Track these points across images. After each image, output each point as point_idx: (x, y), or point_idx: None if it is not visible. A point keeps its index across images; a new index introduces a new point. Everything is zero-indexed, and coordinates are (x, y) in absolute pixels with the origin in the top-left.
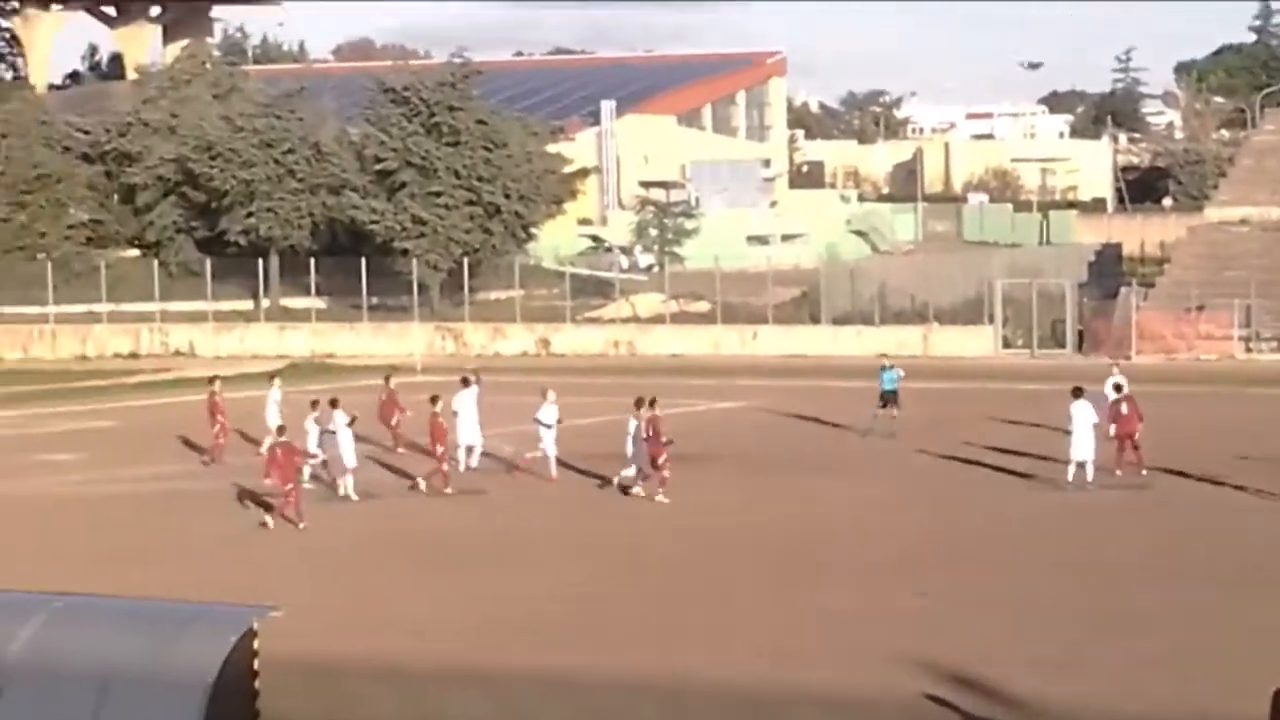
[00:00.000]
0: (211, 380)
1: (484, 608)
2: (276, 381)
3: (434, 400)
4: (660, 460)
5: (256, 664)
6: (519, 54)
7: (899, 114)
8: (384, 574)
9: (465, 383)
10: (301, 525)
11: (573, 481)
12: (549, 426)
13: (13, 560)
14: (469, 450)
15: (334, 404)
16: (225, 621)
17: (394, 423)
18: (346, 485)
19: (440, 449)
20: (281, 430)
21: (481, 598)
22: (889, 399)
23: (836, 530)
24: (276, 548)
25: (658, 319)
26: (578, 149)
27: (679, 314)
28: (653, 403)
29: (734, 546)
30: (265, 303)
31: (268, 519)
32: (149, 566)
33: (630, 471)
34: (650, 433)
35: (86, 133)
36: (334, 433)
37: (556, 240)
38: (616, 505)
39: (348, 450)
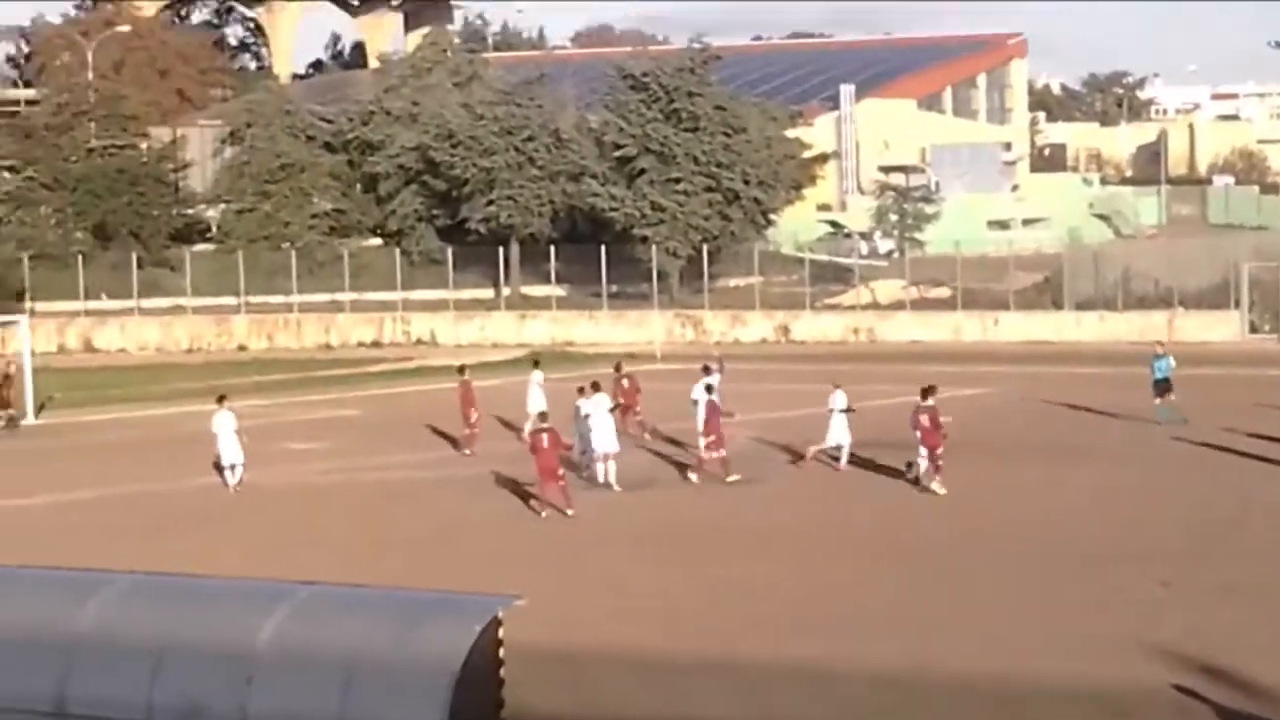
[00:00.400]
0: (461, 369)
1: (735, 598)
2: (537, 367)
3: (709, 389)
4: (937, 450)
5: (502, 653)
6: (757, 38)
7: (1142, 95)
8: (635, 563)
9: (706, 370)
10: (569, 512)
11: (840, 473)
12: (843, 412)
13: (262, 549)
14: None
15: (595, 387)
16: (470, 610)
17: (635, 411)
18: (606, 472)
19: (712, 436)
20: (544, 416)
21: (734, 588)
22: (1163, 387)
23: (1085, 518)
24: (524, 535)
25: (898, 305)
26: (817, 134)
27: (919, 300)
28: (930, 391)
29: (984, 535)
30: (505, 291)
31: (543, 509)
32: (397, 555)
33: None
34: (928, 422)
35: (329, 122)
36: (587, 417)
37: (795, 226)
38: (884, 494)
39: (607, 435)
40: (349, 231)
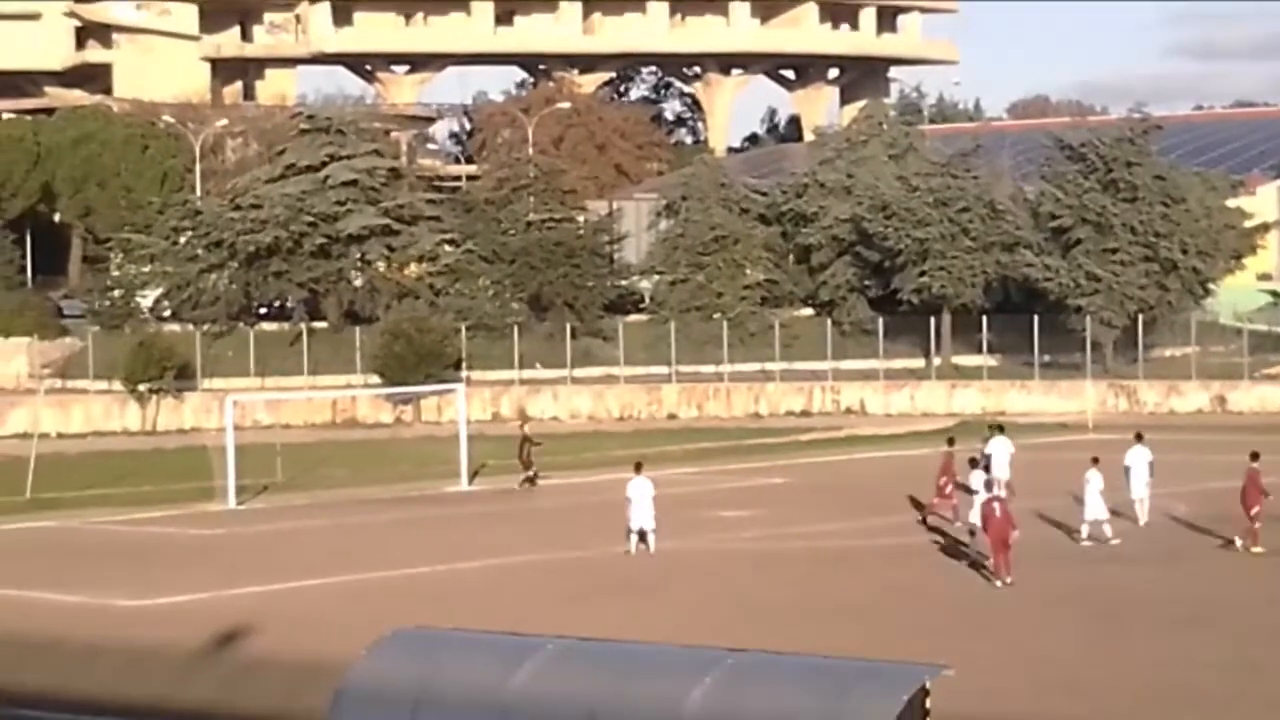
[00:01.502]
0: (950, 440)
1: (1155, 673)
2: (999, 434)
3: (1253, 457)
4: (1253, 510)
5: None
6: (1199, 107)
7: None
8: (1067, 633)
9: (1138, 438)
10: (1003, 582)
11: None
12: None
13: (691, 615)
14: (1138, 502)
15: (1095, 461)
16: (898, 679)
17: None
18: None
19: (1257, 508)
20: (992, 485)
21: (1156, 662)
22: None
23: None
24: (958, 603)
25: None
26: (1259, 203)
27: None
28: (1255, 456)
29: None
30: (936, 360)
31: (997, 577)
32: (824, 622)
33: None
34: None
35: (764, 194)
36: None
37: (1234, 296)
38: None
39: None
40: (780, 302)
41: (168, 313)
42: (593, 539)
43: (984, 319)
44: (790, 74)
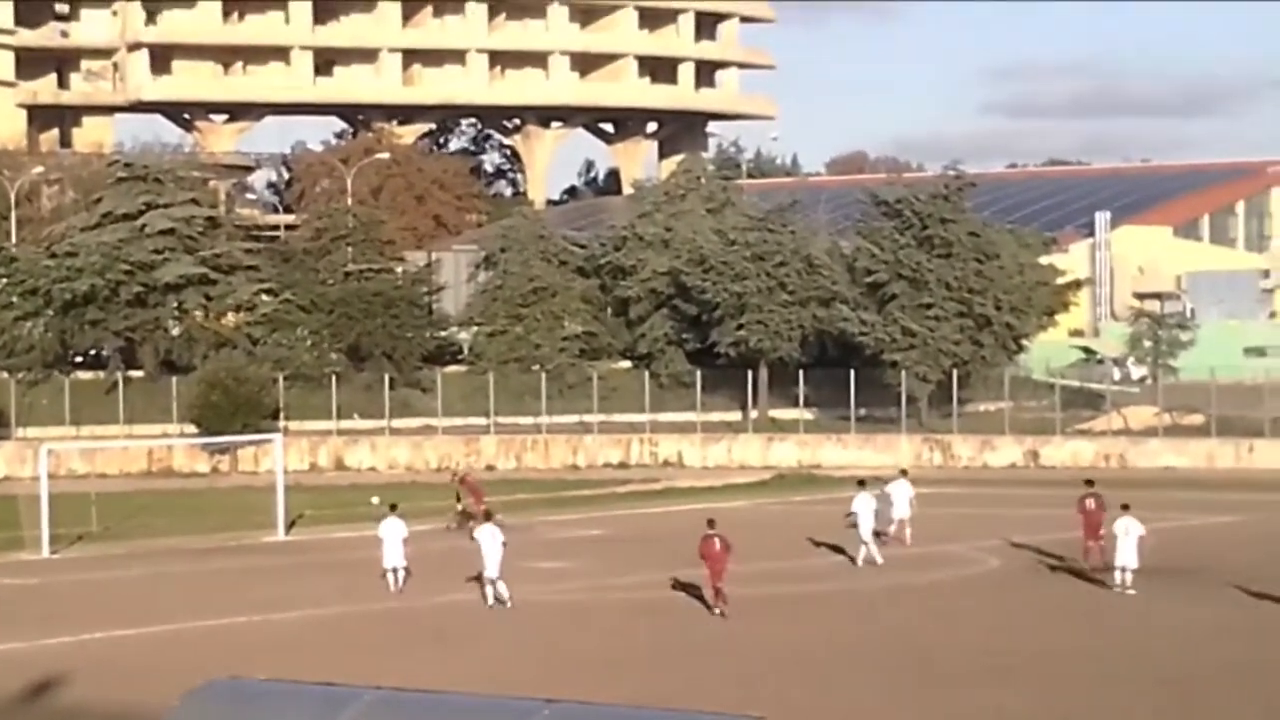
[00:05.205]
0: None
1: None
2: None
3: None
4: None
5: None
6: (1013, 165)
7: None
8: (878, 683)
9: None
10: (721, 611)
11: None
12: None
13: (509, 666)
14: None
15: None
16: None
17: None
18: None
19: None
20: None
21: (963, 714)
22: None
23: None
24: (763, 653)
25: (1150, 431)
26: (1071, 260)
27: (1172, 427)
28: None
29: (1208, 668)
30: (753, 414)
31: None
32: (641, 673)
33: None
34: None
35: (582, 246)
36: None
37: (1047, 352)
38: (1136, 619)
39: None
40: (599, 354)
41: None
42: (407, 591)
43: (801, 373)
44: (609, 127)
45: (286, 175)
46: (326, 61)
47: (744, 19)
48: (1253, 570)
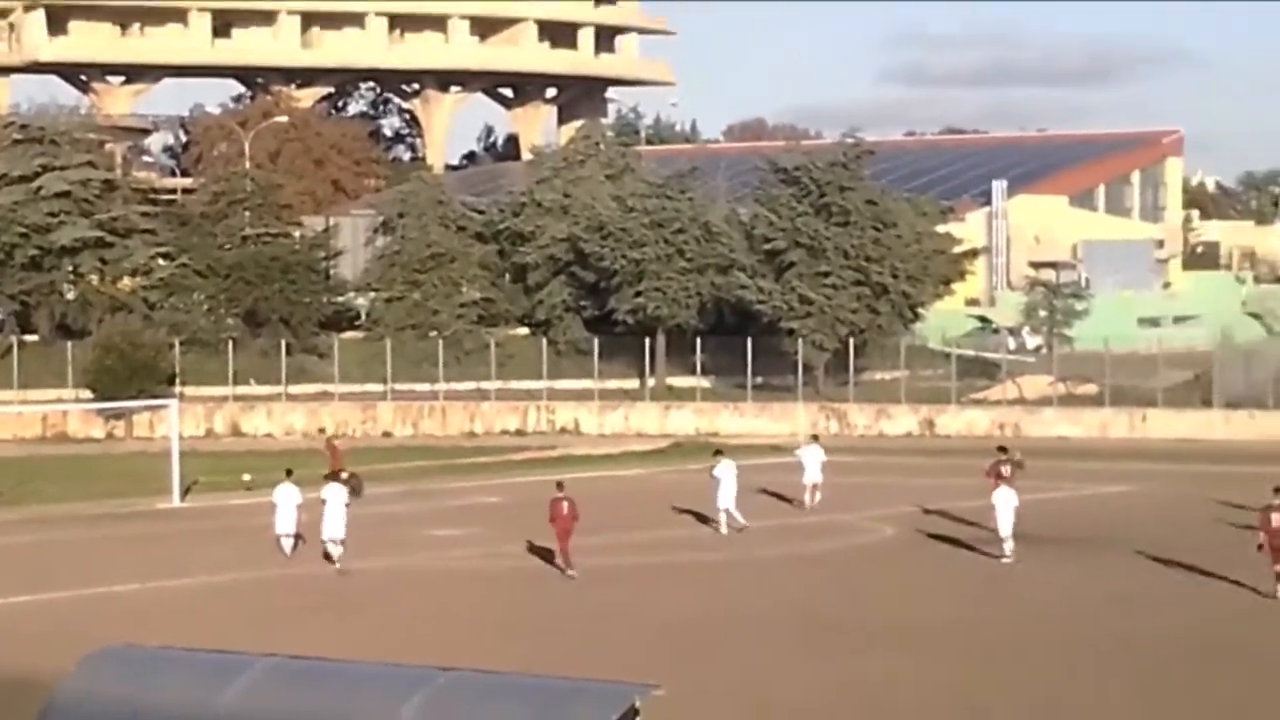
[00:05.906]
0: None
1: (867, 693)
2: (813, 442)
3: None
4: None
5: None
6: (911, 133)
7: None
8: (771, 653)
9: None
10: (568, 572)
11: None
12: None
13: (404, 633)
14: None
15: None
16: (607, 699)
17: None
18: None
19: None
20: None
21: (868, 683)
22: None
23: (1218, 629)
24: (658, 621)
25: (1044, 401)
26: (968, 229)
27: (1066, 396)
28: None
29: (1100, 637)
30: (651, 382)
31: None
32: (534, 641)
33: None
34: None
35: (481, 212)
36: None
37: (943, 321)
38: (1029, 589)
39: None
40: (497, 321)
41: None
42: (300, 557)
43: (698, 340)
44: (508, 92)
45: (184, 138)
46: (224, 24)
47: None
48: (1146, 540)
